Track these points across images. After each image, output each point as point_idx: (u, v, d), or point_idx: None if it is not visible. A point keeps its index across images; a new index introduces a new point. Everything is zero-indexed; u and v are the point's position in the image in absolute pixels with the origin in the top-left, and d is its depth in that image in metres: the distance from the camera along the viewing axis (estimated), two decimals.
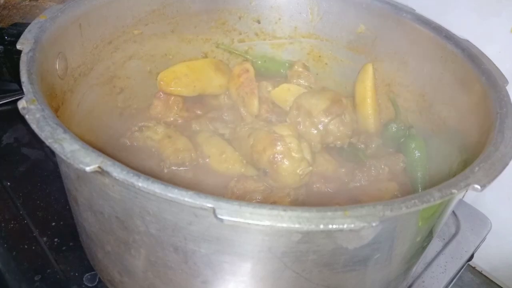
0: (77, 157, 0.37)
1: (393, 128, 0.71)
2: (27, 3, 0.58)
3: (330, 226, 0.35)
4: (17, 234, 0.66)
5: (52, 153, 0.39)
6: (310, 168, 0.60)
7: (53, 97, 0.52)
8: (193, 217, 0.38)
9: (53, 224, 0.68)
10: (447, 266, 0.73)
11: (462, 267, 0.75)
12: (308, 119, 0.65)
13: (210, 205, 0.34)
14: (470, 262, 0.80)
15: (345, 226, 0.35)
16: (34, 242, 0.65)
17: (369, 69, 0.74)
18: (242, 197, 0.60)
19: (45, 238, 0.66)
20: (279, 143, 0.60)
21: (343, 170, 0.67)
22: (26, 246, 0.65)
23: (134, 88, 0.72)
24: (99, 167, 0.36)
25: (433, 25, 0.67)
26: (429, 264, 0.73)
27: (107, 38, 0.65)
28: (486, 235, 0.81)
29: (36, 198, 0.71)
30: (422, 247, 0.54)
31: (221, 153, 0.65)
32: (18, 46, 0.50)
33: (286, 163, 0.59)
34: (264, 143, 0.61)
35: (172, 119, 0.73)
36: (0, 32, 0.66)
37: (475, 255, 0.78)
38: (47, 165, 0.75)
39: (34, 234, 0.66)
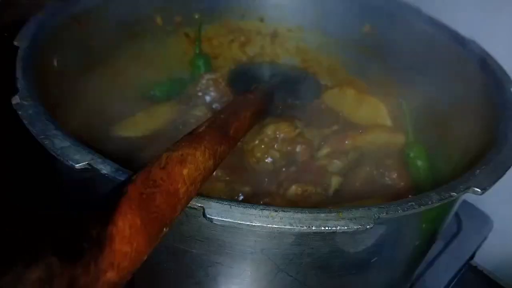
0: (67, 153, 0.37)
1: None
2: (26, 1, 0.57)
3: (323, 228, 0.34)
4: None
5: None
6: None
7: (51, 94, 0.52)
8: (184, 217, 0.37)
9: None
10: (448, 265, 0.73)
11: (463, 266, 0.74)
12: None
13: (199, 205, 0.34)
14: (471, 261, 0.79)
15: (338, 228, 0.34)
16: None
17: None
18: None
19: None
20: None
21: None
22: None
23: (134, 87, 0.72)
24: (88, 164, 0.36)
25: (439, 25, 0.66)
26: (431, 263, 0.72)
27: (107, 35, 0.65)
28: (487, 234, 0.80)
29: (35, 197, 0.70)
30: (425, 250, 0.52)
31: None
32: (15, 43, 0.50)
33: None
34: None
35: None
36: None
37: (476, 254, 0.78)
38: (46, 163, 0.74)
39: None
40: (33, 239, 0.21)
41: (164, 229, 0.28)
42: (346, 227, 0.34)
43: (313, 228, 0.33)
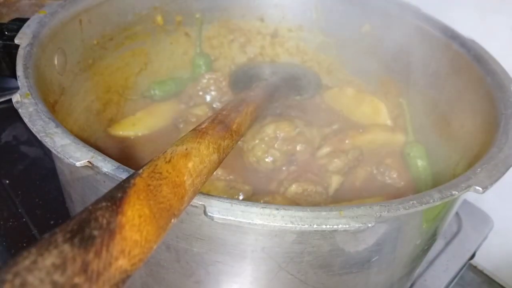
0: (67, 151, 0.36)
1: None
2: (26, 1, 0.57)
3: (324, 226, 0.34)
4: (16, 233, 0.66)
5: (49, 150, 0.39)
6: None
7: (51, 92, 0.52)
8: (184, 215, 0.37)
9: (52, 222, 0.67)
10: (448, 264, 0.73)
11: (464, 266, 0.74)
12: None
13: (200, 203, 0.34)
14: (471, 261, 0.78)
15: (339, 226, 0.34)
16: (33, 241, 0.64)
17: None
18: None
19: None
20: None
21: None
22: (25, 245, 0.64)
23: (134, 86, 0.72)
24: (89, 162, 0.36)
25: (438, 24, 0.66)
26: (431, 262, 0.72)
27: (108, 34, 0.65)
28: (488, 234, 0.80)
29: (35, 197, 0.70)
30: (426, 249, 0.52)
31: None
32: (16, 41, 0.50)
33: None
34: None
35: None
36: (0, 27, 0.66)
37: (476, 254, 0.77)
38: (45, 163, 0.75)
39: (33, 233, 0.66)
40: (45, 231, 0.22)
41: (173, 219, 0.29)
42: (347, 226, 0.34)
43: (315, 226, 0.33)
